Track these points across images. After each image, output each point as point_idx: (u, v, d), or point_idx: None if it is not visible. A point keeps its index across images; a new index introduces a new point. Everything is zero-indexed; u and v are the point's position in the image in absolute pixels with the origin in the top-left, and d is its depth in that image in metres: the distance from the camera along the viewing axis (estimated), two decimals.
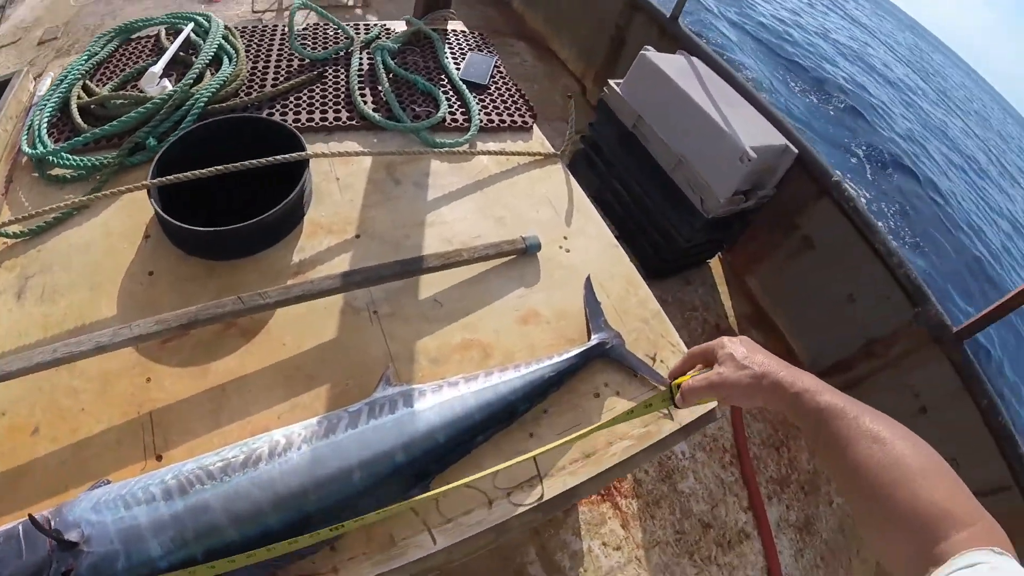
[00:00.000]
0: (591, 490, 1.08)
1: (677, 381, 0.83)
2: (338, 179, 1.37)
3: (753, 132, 2.26)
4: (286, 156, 1.17)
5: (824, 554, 2.49)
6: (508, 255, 1.25)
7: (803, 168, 2.43)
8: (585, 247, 1.37)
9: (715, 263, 3.23)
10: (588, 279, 1.28)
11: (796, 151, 2.33)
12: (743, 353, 0.77)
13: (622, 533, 2.20)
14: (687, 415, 1.18)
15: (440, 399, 1.00)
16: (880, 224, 2.33)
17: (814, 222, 2.56)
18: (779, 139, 2.31)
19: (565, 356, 1.10)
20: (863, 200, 2.37)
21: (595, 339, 1.16)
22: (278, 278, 1.17)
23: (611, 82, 2.75)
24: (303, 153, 1.21)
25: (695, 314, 2.97)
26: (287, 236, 1.24)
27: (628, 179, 2.82)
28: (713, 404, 1.20)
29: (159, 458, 0.92)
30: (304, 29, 1.80)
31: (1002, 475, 2.12)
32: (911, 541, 0.54)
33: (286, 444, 0.89)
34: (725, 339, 0.81)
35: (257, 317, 1.09)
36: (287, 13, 1.94)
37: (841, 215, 2.37)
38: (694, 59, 2.73)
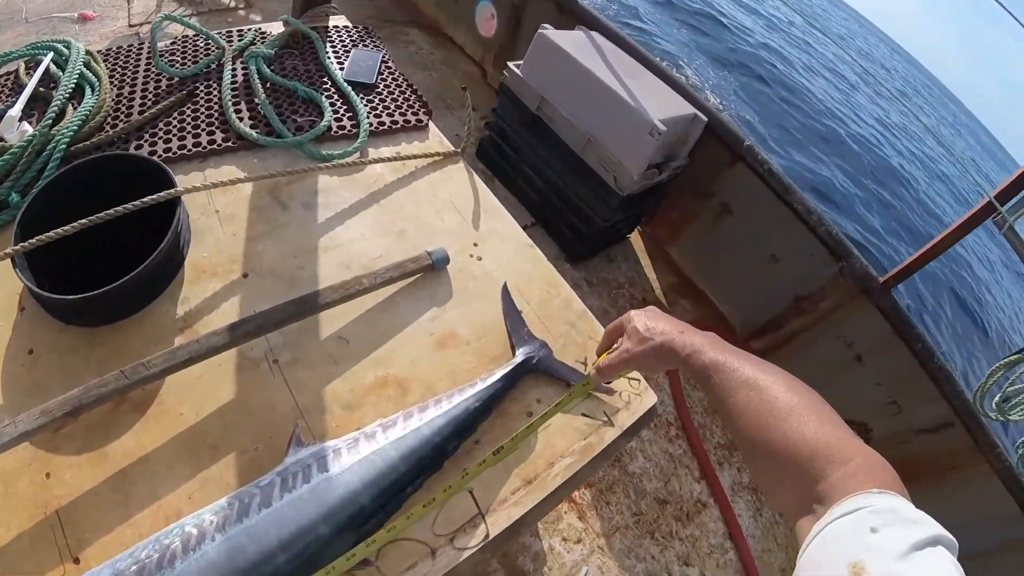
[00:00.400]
0: (538, 516, 0.99)
1: (597, 361, 0.89)
2: (218, 211, 1.19)
3: (660, 104, 2.22)
4: (153, 197, 1.00)
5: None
6: (414, 274, 1.13)
7: (714, 135, 2.42)
8: (498, 251, 1.27)
9: (635, 237, 3.21)
10: (505, 288, 1.18)
11: (705, 119, 2.31)
12: (645, 325, 0.81)
13: (580, 525, 2.15)
14: (627, 418, 1.11)
15: (358, 456, 0.87)
16: (796, 185, 2.36)
17: (730, 188, 2.57)
18: (687, 108, 2.28)
19: (489, 381, 1.00)
20: (777, 163, 2.37)
21: (520, 355, 1.07)
22: (164, 337, 1.01)
23: (511, 64, 2.65)
24: (171, 192, 1.03)
25: (621, 291, 2.94)
26: (169, 286, 1.07)
27: (538, 163, 2.74)
28: (652, 402, 1.16)
29: (76, 561, 0.79)
30: (172, 44, 1.58)
31: (945, 413, 2.19)
32: (792, 484, 0.55)
33: (199, 536, 0.77)
34: (632, 313, 0.85)
35: (148, 387, 0.94)
36: (165, 24, 1.70)
37: (757, 179, 2.38)
38: (594, 33, 2.67)
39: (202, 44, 1.58)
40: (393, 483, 0.87)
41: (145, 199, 0.99)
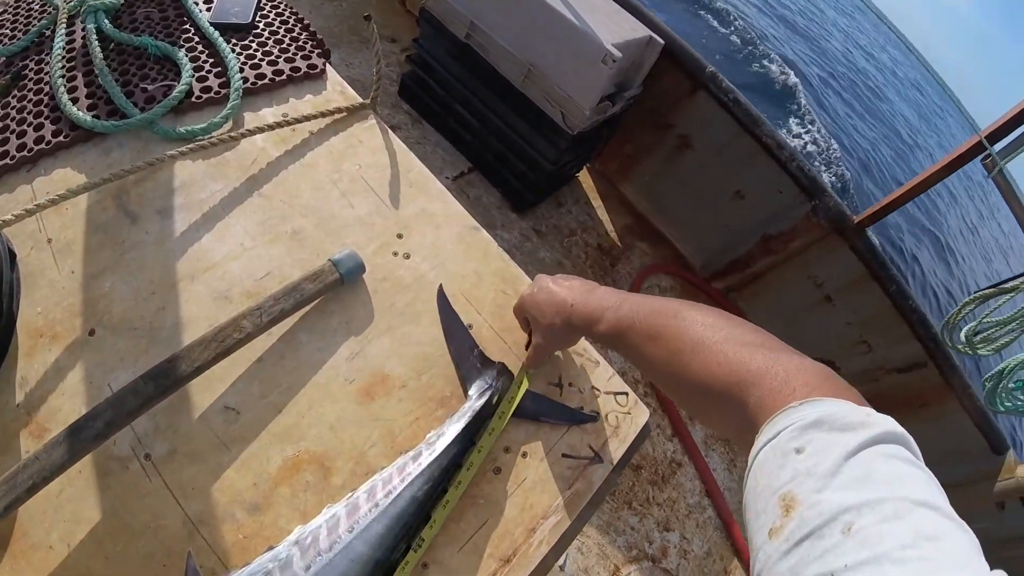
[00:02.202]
0: None
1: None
2: (50, 240, 0.83)
3: (611, 26, 1.87)
4: None
5: (745, 476, 2.46)
6: (316, 297, 0.80)
7: (672, 61, 2.11)
8: (433, 242, 0.95)
9: (584, 175, 2.92)
10: (441, 294, 0.88)
11: (662, 42, 1.99)
12: (539, 310, 0.79)
13: None
14: (618, 447, 0.89)
15: None
16: (764, 116, 2.10)
17: (690, 119, 2.30)
18: (642, 30, 1.95)
19: (439, 448, 0.71)
20: (743, 92, 2.10)
21: (472, 396, 0.79)
22: (6, 443, 0.70)
23: None
24: None
25: (574, 239, 2.68)
26: (1, 365, 0.74)
27: (472, 100, 2.37)
28: (645, 418, 0.95)
29: None
30: (3, 12, 1.13)
31: (917, 352, 2.12)
32: (722, 418, 0.52)
33: None
34: (524, 294, 0.84)
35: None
36: None
37: (720, 109, 2.11)
38: None
39: (37, 7, 1.14)
40: None
41: None
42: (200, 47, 1.09)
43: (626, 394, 0.93)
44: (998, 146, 1.73)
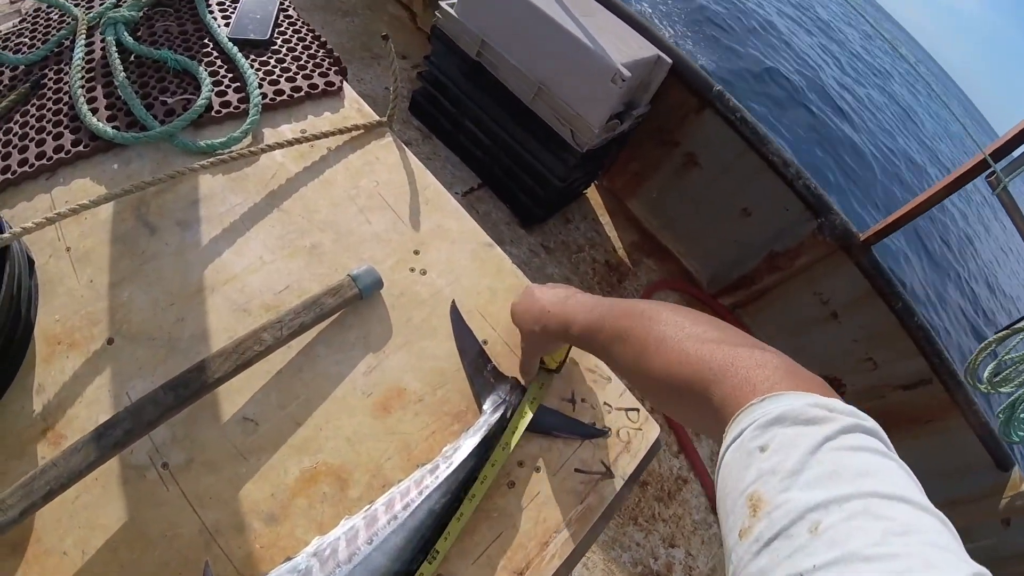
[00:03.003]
0: None
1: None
2: (69, 249, 0.84)
3: (620, 45, 1.90)
4: None
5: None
6: (335, 311, 0.82)
7: (679, 79, 2.14)
8: (448, 258, 0.97)
9: (592, 192, 2.95)
10: (455, 310, 0.89)
11: (670, 61, 2.01)
12: (523, 320, 0.82)
13: None
14: (629, 462, 0.89)
15: None
16: (772, 135, 2.12)
17: (697, 137, 2.32)
18: (650, 49, 1.98)
19: (456, 461, 0.72)
20: (750, 110, 2.13)
21: (487, 409, 0.79)
22: (24, 446, 0.70)
23: (443, 4, 2.25)
24: None
25: (582, 255, 2.70)
26: (18, 372, 0.74)
27: (482, 117, 2.39)
28: (656, 434, 0.93)
29: None
30: (22, 22, 1.16)
31: (923, 369, 2.12)
32: (693, 417, 0.52)
33: None
34: (511, 308, 0.87)
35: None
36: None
37: (727, 127, 2.13)
38: None
39: (56, 17, 1.16)
40: None
41: None
42: (219, 62, 1.12)
43: (637, 410, 0.94)
44: (1002, 163, 1.74)
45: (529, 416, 0.80)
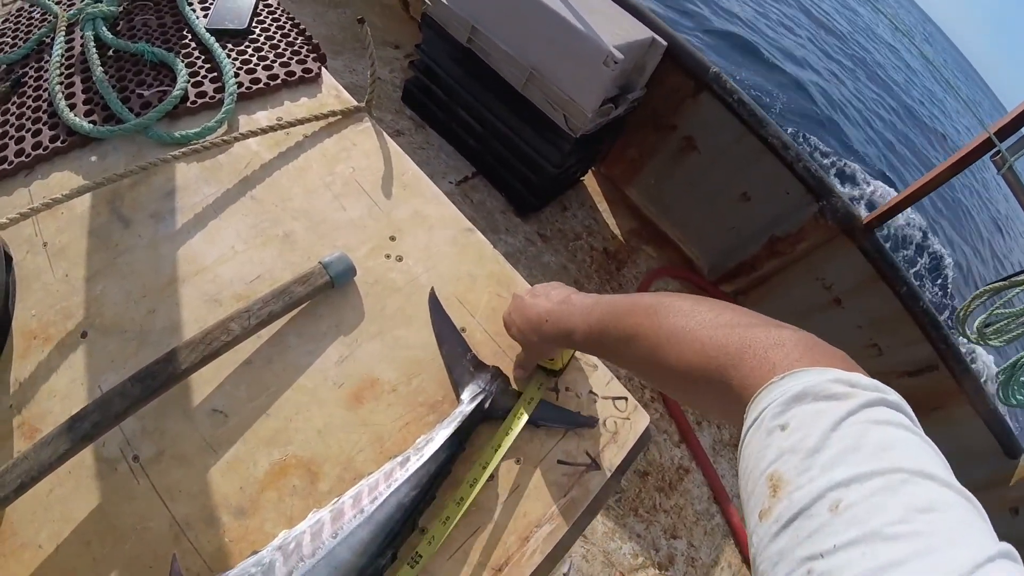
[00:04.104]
0: None
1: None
2: (46, 244, 0.83)
3: (613, 28, 1.86)
4: None
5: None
6: (306, 300, 0.80)
7: (675, 62, 2.10)
8: (426, 245, 0.94)
9: (589, 179, 2.91)
10: (433, 297, 0.87)
11: (665, 43, 1.97)
12: (518, 331, 0.78)
13: None
14: (616, 453, 0.86)
15: None
16: (770, 117, 2.08)
17: (694, 120, 2.28)
18: (644, 32, 1.94)
19: (427, 453, 0.70)
20: (748, 92, 2.08)
21: (465, 398, 0.77)
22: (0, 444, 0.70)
23: None
24: None
25: (580, 243, 2.67)
26: None
27: (475, 105, 2.36)
28: (645, 424, 0.90)
29: None
30: (5, 22, 1.15)
31: (928, 355, 2.08)
32: (713, 405, 0.50)
33: None
34: (504, 317, 0.83)
35: None
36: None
37: (725, 110, 2.09)
38: None
39: (38, 16, 1.16)
40: None
41: None
42: (196, 53, 1.10)
43: (625, 399, 0.91)
44: (1007, 142, 1.69)
45: (525, 418, 0.78)
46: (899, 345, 2.19)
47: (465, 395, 0.78)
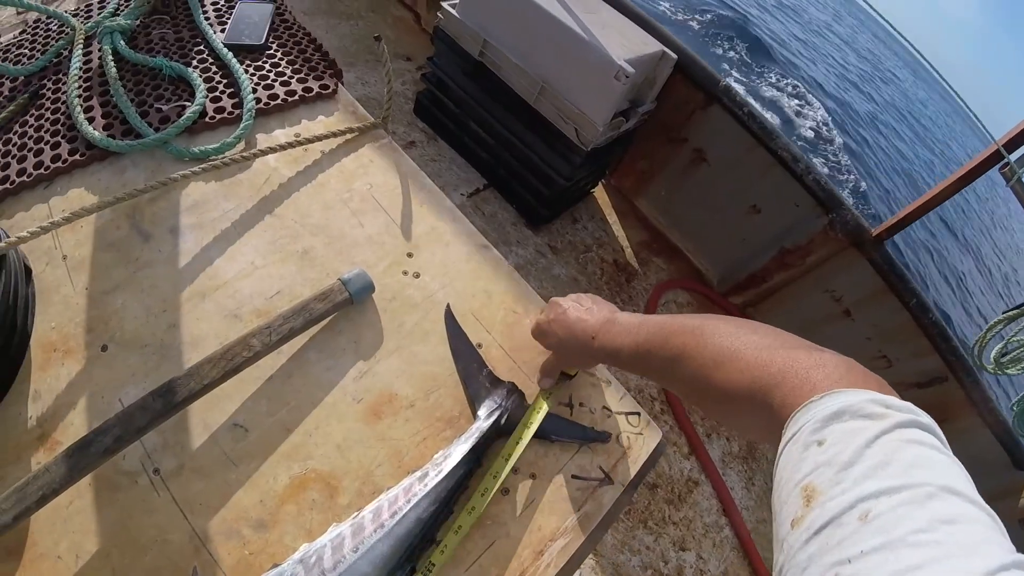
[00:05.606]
0: None
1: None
2: (66, 257, 0.85)
3: (623, 41, 1.88)
4: None
5: (773, 474, 2.42)
6: (325, 316, 0.81)
7: (685, 75, 2.11)
8: (443, 261, 0.95)
9: (599, 191, 2.92)
10: (449, 314, 0.88)
11: (675, 57, 1.99)
12: (559, 343, 0.80)
13: None
14: (630, 468, 0.86)
15: None
16: (780, 129, 2.08)
17: (704, 133, 2.28)
18: (654, 45, 1.95)
19: (446, 468, 0.71)
20: (756, 105, 2.09)
21: (480, 416, 0.78)
22: (20, 453, 0.71)
23: (445, 5, 2.24)
24: None
25: (590, 255, 2.67)
26: (15, 380, 0.76)
27: (486, 118, 2.38)
28: (657, 438, 0.90)
29: None
30: (22, 33, 1.17)
31: (937, 367, 2.07)
32: (751, 424, 0.52)
33: None
34: (542, 327, 0.83)
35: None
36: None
37: (735, 122, 2.10)
38: None
39: (55, 28, 1.18)
40: None
41: None
42: (214, 68, 1.12)
43: (638, 414, 0.92)
44: (1015, 155, 1.70)
45: (535, 427, 0.78)
46: (908, 357, 2.18)
47: (482, 411, 0.79)
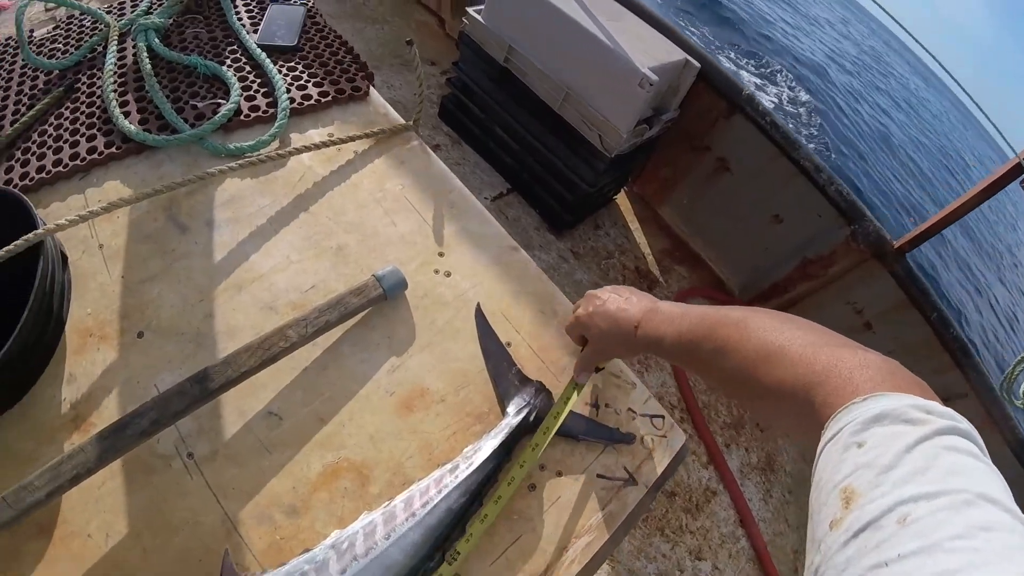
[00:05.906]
0: None
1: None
2: (102, 246, 0.88)
3: (648, 49, 1.89)
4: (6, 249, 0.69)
5: (791, 487, 2.38)
6: (360, 311, 0.83)
7: (708, 83, 2.11)
8: (473, 262, 0.97)
9: (622, 198, 2.92)
10: (479, 313, 0.89)
11: (698, 65, 1.99)
12: (601, 334, 0.79)
13: None
14: (653, 469, 0.86)
15: None
16: (802, 139, 2.08)
17: (727, 142, 2.28)
18: (678, 54, 1.96)
19: (476, 462, 0.72)
20: (780, 114, 2.09)
21: (510, 413, 0.79)
22: (54, 434, 0.73)
23: (470, 11, 2.27)
24: (27, 238, 0.71)
25: (612, 261, 2.67)
26: (49, 363, 0.78)
27: (511, 123, 2.40)
28: (681, 442, 0.92)
29: None
30: (55, 28, 1.21)
31: (958, 383, 2.04)
32: (792, 422, 0.51)
33: None
34: (582, 319, 0.83)
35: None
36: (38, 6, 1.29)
37: (758, 132, 2.10)
38: None
39: (89, 24, 1.22)
40: None
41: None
42: (248, 67, 1.15)
43: (662, 417, 0.92)
44: None
45: (562, 418, 0.79)
46: (929, 372, 2.14)
47: (511, 408, 0.80)
